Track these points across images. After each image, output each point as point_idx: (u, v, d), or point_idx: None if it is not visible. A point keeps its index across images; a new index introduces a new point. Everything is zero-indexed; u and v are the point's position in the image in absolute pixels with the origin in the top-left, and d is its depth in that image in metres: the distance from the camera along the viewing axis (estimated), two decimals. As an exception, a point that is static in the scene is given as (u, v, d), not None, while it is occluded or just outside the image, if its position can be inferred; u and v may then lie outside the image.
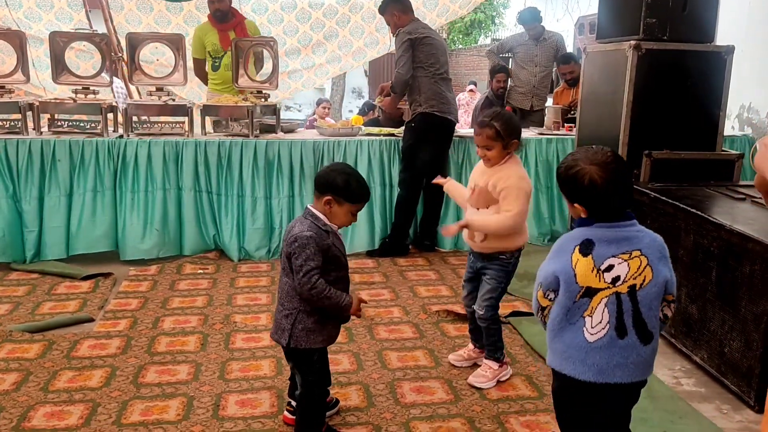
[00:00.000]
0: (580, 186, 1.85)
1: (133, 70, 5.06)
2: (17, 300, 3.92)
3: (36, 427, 2.60)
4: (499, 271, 2.95)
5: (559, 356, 1.93)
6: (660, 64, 3.91)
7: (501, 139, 2.80)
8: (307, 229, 2.32)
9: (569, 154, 1.99)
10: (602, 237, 1.86)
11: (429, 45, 4.65)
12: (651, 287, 1.86)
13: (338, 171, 2.39)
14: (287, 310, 2.38)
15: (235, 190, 4.76)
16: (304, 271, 2.27)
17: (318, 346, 2.41)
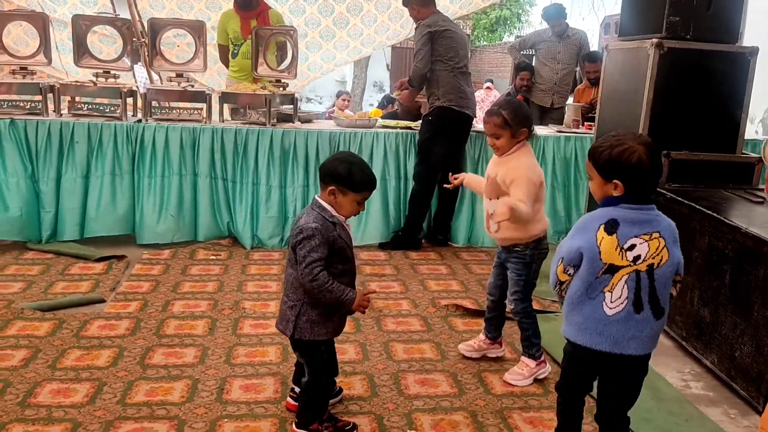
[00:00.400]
0: (627, 163, 1.94)
1: (153, 56, 5.09)
2: (31, 279, 3.96)
3: (41, 403, 2.62)
4: (518, 264, 2.93)
5: (576, 327, 2.05)
6: (682, 63, 3.85)
7: (509, 127, 2.79)
8: (312, 221, 2.31)
9: (604, 137, 2.05)
10: (626, 217, 1.97)
11: (449, 38, 4.63)
12: (666, 267, 2.00)
13: (341, 160, 2.38)
14: (292, 301, 2.38)
15: (251, 178, 4.77)
16: (306, 262, 2.26)
17: (322, 338, 2.41)
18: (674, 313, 3.47)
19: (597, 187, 2.05)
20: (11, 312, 3.45)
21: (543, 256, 2.96)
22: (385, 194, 4.95)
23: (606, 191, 2.01)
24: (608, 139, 2.02)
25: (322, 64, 6.90)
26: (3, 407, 2.57)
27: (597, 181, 2.04)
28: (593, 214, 2.03)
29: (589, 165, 2.07)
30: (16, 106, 4.78)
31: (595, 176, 2.04)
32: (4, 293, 3.72)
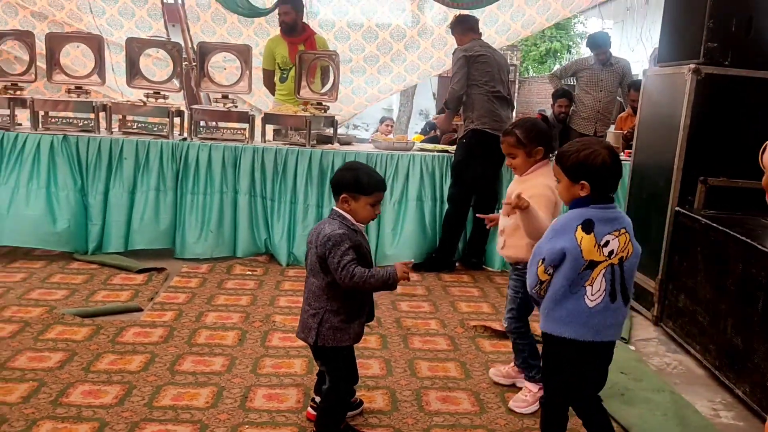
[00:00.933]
0: (593, 165, 2.13)
1: (201, 77, 5.28)
2: (74, 287, 4.12)
3: (72, 402, 2.72)
4: (517, 281, 2.89)
5: (559, 322, 2.19)
6: (720, 89, 3.81)
7: (523, 146, 2.78)
8: (338, 228, 2.38)
9: (569, 143, 2.25)
10: (599, 217, 2.14)
11: (484, 63, 4.69)
12: (633, 258, 2.21)
13: (346, 168, 2.48)
14: (314, 309, 2.43)
15: (288, 197, 4.88)
16: (342, 265, 2.32)
17: (345, 344, 2.45)
18: (707, 342, 3.40)
19: (565, 189, 2.23)
20: (52, 317, 3.59)
21: None
22: (421, 216, 4.99)
23: (573, 192, 2.19)
24: (574, 144, 2.23)
25: (366, 88, 7.02)
26: (36, 405, 2.68)
27: (565, 183, 2.21)
28: (568, 216, 2.20)
29: (557, 169, 2.24)
30: (70, 123, 5.01)
31: (563, 179, 2.21)
32: (47, 299, 3.87)
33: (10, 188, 4.67)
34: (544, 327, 2.25)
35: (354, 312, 2.45)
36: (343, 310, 2.41)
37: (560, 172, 2.23)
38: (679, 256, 3.82)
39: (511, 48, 21.80)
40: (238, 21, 6.49)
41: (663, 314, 3.95)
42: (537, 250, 2.21)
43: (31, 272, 4.34)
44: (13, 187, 4.67)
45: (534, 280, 2.20)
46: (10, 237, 4.64)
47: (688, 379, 3.35)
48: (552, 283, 2.17)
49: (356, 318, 2.46)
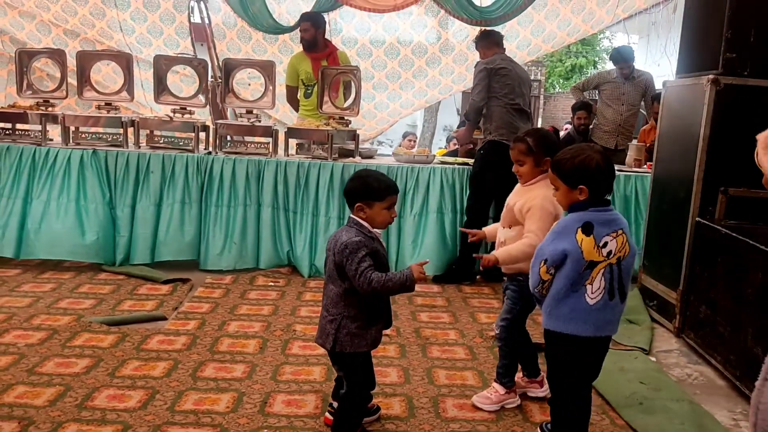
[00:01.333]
0: (588, 169, 2.27)
1: (226, 93, 5.40)
2: (102, 297, 4.22)
3: (97, 406, 2.80)
4: (516, 292, 2.89)
5: (563, 319, 2.31)
6: (740, 99, 3.81)
7: (533, 155, 2.80)
8: (354, 235, 2.43)
9: (562, 152, 2.38)
10: (598, 219, 2.26)
11: (504, 75, 4.74)
12: (629, 258, 2.32)
13: (355, 177, 2.53)
14: (332, 315, 2.48)
15: (311, 209, 4.95)
16: (359, 272, 2.37)
17: (362, 350, 2.50)
18: (728, 352, 3.37)
19: (563, 196, 2.35)
20: (80, 325, 3.69)
21: None
22: (442, 228, 5.03)
23: (572, 198, 2.32)
24: (567, 152, 2.35)
25: (388, 103, 7.10)
26: (62, 408, 2.76)
27: (563, 190, 2.33)
28: (567, 219, 2.32)
29: (554, 177, 2.36)
30: (100, 138, 5.15)
31: (561, 185, 2.34)
32: (75, 308, 3.98)
33: (42, 202, 4.81)
34: (546, 324, 2.37)
35: (371, 318, 2.49)
36: (360, 316, 2.46)
37: (557, 179, 2.36)
38: (700, 267, 3.80)
39: (536, 64, 21.83)
40: (263, 38, 6.62)
41: (684, 325, 3.93)
42: (539, 251, 2.33)
43: (60, 283, 4.45)
44: (45, 201, 4.81)
45: (536, 279, 2.32)
46: (42, 250, 4.78)
47: (708, 390, 3.33)
48: (554, 283, 2.30)
49: (374, 324, 2.50)
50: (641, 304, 4.39)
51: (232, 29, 6.59)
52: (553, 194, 2.44)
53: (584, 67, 24.91)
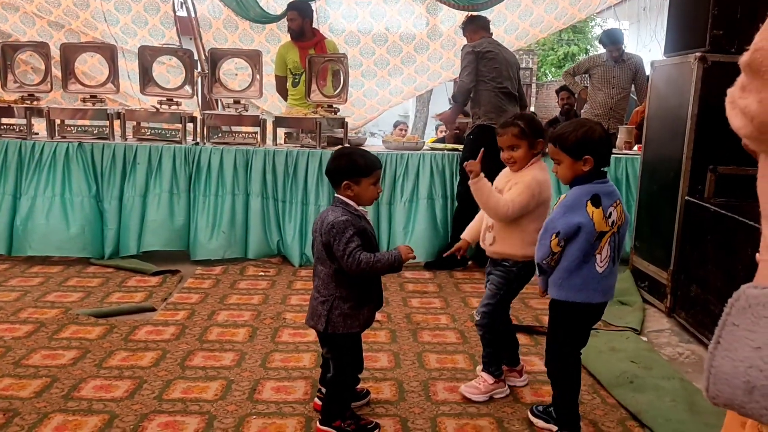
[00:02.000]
0: (593, 139, 2.35)
1: (213, 83, 5.36)
2: (90, 290, 4.19)
3: (84, 396, 2.77)
4: (500, 278, 2.82)
5: (575, 289, 2.39)
6: (727, 76, 3.71)
7: (527, 138, 2.72)
8: (341, 215, 2.40)
9: (562, 126, 2.46)
10: (602, 191, 2.35)
11: (491, 59, 4.71)
12: (625, 225, 2.44)
13: (339, 156, 2.49)
14: (323, 296, 2.46)
15: (300, 198, 4.92)
16: (347, 252, 2.34)
17: (354, 331, 2.48)
18: (719, 329, 3.36)
19: (567, 169, 2.39)
20: (67, 317, 3.66)
21: (527, 279, 2.84)
22: (432, 214, 5.01)
23: (576, 170, 2.37)
24: (568, 126, 2.42)
25: (377, 90, 7.07)
26: (48, 399, 2.73)
27: (567, 162, 2.38)
28: (575, 193, 2.37)
29: (556, 150, 2.40)
30: (86, 131, 5.11)
31: (565, 158, 2.38)
32: (63, 301, 3.94)
33: (30, 198, 4.78)
34: (557, 295, 2.44)
35: (363, 298, 2.47)
36: (352, 297, 2.44)
37: (560, 153, 2.39)
38: (690, 246, 3.79)
39: (528, 52, 21.80)
40: (250, 27, 6.58)
41: (675, 305, 3.92)
42: (550, 224, 2.38)
43: (48, 276, 4.42)
44: (32, 196, 4.77)
45: (546, 252, 2.37)
46: (31, 247, 4.74)
47: (700, 368, 3.31)
48: (565, 256, 2.37)
49: (365, 304, 2.48)
50: (633, 285, 4.38)
51: (218, 19, 6.54)
52: (555, 170, 2.44)
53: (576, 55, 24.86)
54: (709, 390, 1.23)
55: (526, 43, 7.82)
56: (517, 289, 2.87)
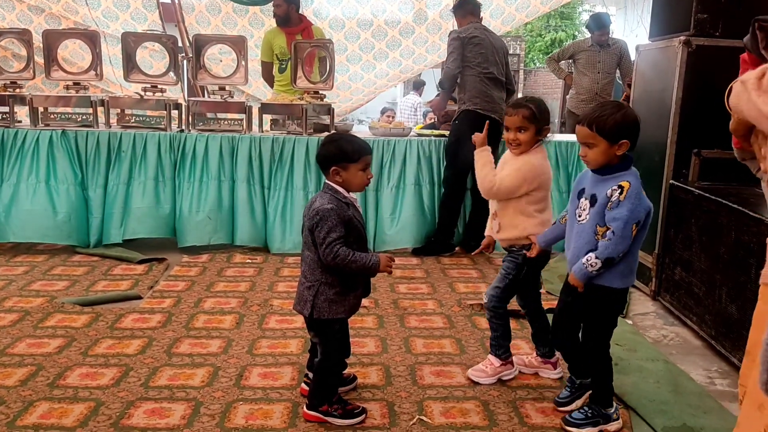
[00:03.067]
0: (632, 123, 2.32)
1: (197, 70, 5.32)
2: (75, 278, 4.17)
3: (69, 384, 2.76)
4: (510, 263, 2.84)
5: (622, 275, 2.39)
6: (711, 60, 3.79)
7: (535, 122, 2.71)
8: (327, 202, 2.39)
9: (593, 109, 2.38)
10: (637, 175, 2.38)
11: (477, 45, 4.70)
12: None
13: (327, 142, 2.49)
14: (309, 282, 2.45)
15: (285, 184, 4.90)
16: (327, 242, 2.35)
17: (340, 317, 2.48)
18: (703, 312, 3.39)
19: (601, 153, 2.32)
20: (52, 306, 3.63)
21: (539, 263, 2.86)
22: (420, 200, 5.01)
23: (610, 154, 2.31)
24: (604, 109, 2.34)
25: (362, 74, 7.03)
26: (33, 387, 2.72)
27: (603, 146, 2.30)
28: (634, 179, 2.34)
29: (592, 134, 2.30)
30: (69, 118, 5.05)
31: (601, 142, 2.30)
32: (48, 290, 3.92)
33: (12, 185, 4.72)
34: (620, 284, 2.41)
35: (349, 285, 2.47)
36: (338, 283, 2.44)
37: (596, 137, 2.30)
38: (674, 230, 3.81)
39: (516, 39, 21.74)
40: (233, 11, 6.52)
41: (660, 288, 3.95)
42: (631, 216, 2.29)
43: (33, 265, 4.38)
44: (14, 183, 4.72)
45: (627, 243, 2.31)
46: (13, 233, 4.70)
47: (684, 350, 3.35)
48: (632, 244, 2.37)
49: (352, 291, 2.48)
50: (618, 269, 4.41)
51: (200, 1, 6.47)
52: (584, 153, 2.37)
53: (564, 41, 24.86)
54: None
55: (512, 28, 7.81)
56: (528, 274, 2.85)
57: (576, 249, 2.42)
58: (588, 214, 2.39)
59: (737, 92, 1.48)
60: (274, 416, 2.55)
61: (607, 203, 2.32)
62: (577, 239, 2.42)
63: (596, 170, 2.38)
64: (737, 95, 1.47)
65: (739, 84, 1.48)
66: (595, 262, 2.33)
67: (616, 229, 2.29)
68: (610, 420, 2.52)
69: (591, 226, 2.37)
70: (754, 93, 1.41)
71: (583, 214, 2.42)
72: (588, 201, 2.40)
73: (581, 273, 2.36)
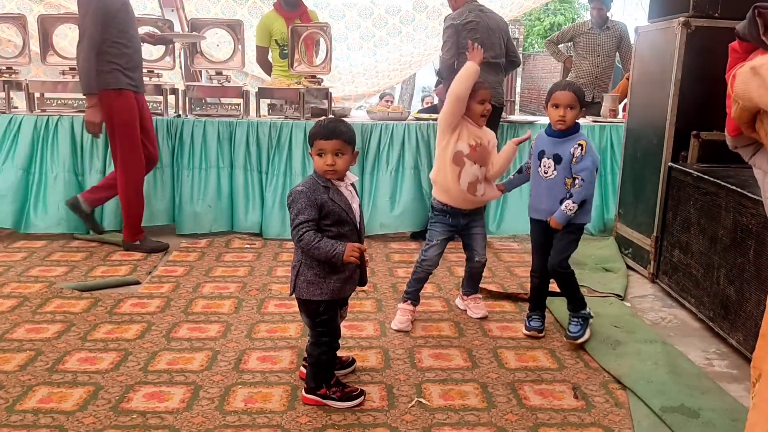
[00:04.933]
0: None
1: (194, 54, 5.29)
2: (74, 264, 4.16)
3: (68, 369, 2.76)
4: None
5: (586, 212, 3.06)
6: (711, 42, 3.76)
7: (580, 105, 3.02)
8: (301, 185, 2.39)
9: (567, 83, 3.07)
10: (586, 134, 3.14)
11: (471, 30, 4.65)
12: None
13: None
14: (294, 262, 2.47)
15: (284, 169, 4.89)
16: (294, 224, 2.36)
17: (316, 299, 2.43)
18: (701, 294, 3.39)
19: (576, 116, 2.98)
20: (51, 291, 3.64)
21: None
22: (418, 184, 4.99)
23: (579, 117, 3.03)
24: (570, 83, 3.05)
25: (363, 60, 7.01)
26: (32, 372, 2.72)
27: (577, 110, 2.97)
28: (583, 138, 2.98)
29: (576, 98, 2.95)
30: (66, 104, 5.03)
31: (578, 106, 2.96)
32: (47, 276, 3.92)
33: (9, 171, 4.71)
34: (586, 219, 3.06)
35: (330, 268, 2.42)
36: (317, 265, 2.41)
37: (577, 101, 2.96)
38: (673, 212, 3.81)
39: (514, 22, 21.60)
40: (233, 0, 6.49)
41: (659, 271, 3.95)
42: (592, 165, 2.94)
43: (31, 251, 4.38)
44: (11, 170, 4.71)
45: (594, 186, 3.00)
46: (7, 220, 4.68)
47: (682, 332, 3.36)
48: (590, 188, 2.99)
49: (333, 274, 2.43)
50: (617, 252, 4.41)
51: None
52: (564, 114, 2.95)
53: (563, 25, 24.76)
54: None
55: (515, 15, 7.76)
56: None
57: (551, 200, 3.00)
58: (554, 170, 2.99)
59: (745, 79, 1.44)
60: (273, 399, 2.56)
61: (572, 159, 2.93)
62: (549, 192, 3.01)
63: (554, 134, 3.01)
64: (745, 82, 1.43)
65: (748, 70, 1.44)
66: (573, 206, 2.92)
67: (585, 177, 2.90)
68: (590, 317, 3.16)
69: (561, 180, 2.98)
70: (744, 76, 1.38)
71: (549, 171, 3.01)
72: (551, 160, 2.99)
73: (563, 217, 2.95)
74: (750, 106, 1.47)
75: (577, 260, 4.22)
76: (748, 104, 1.46)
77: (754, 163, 1.80)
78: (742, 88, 1.45)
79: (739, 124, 1.57)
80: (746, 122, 1.54)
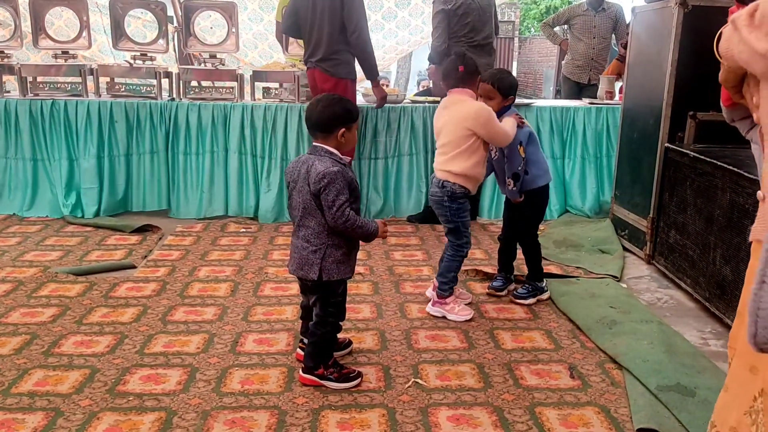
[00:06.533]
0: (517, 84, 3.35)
1: (187, 37, 5.24)
2: (69, 248, 4.15)
3: (64, 352, 2.76)
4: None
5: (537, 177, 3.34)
6: (708, 21, 3.69)
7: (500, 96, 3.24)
8: (332, 165, 2.36)
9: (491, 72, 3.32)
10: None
11: (462, 15, 4.62)
12: None
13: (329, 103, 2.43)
14: (315, 246, 2.43)
15: (279, 153, 4.86)
16: (337, 205, 2.34)
17: (347, 276, 2.50)
18: (697, 274, 3.40)
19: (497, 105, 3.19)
20: (46, 276, 3.62)
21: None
22: (415, 167, 4.98)
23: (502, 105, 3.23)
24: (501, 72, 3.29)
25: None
26: (28, 356, 2.71)
27: (498, 100, 3.21)
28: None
29: (493, 90, 3.19)
30: (58, 88, 4.99)
31: (497, 96, 3.20)
32: (41, 260, 3.90)
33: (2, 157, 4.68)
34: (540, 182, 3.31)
35: (352, 244, 2.50)
36: (344, 244, 2.45)
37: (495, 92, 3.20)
38: (669, 193, 3.80)
39: (510, 6, 21.53)
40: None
41: (655, 252, 3.95)
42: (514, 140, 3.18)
43: (26, 236, 4.36)
44: (3, 155, 4.68)
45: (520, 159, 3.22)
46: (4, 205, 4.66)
47: (678, 312, 3.36)
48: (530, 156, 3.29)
49: (354, 249, 2.52)
50: (613, 234, 4.41)
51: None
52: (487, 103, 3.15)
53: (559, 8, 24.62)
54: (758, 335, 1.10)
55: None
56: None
57: (502, 177, 3.33)
58: (497, 152, 3.31)
59: (727, 36, 1.37)
60: (270, 381, 2.56)
61: None
62: (501, 171, 3.33)
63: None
64: (727, 39, 1.37)
65: (728, 25, 1.38)
66: (509, 181, 3.26)
67: (507, 154, 3.23)
68: (543, 291, 3.42)
69: (502, 159, 3.28)
70: (746, 30, 1.30)
71: (494, 152, 3.32)
72: None
73: (510, 193, 3.31)
74: (734, 66, 1.41)
75: (573, 242, 4.24)
76: (732, 64, 1.40)
77: (751, 137, 1.78)
78: (725, 47, 1.38)
79: (726, 89, 1.53)
80: (733, 86, 1.50)
